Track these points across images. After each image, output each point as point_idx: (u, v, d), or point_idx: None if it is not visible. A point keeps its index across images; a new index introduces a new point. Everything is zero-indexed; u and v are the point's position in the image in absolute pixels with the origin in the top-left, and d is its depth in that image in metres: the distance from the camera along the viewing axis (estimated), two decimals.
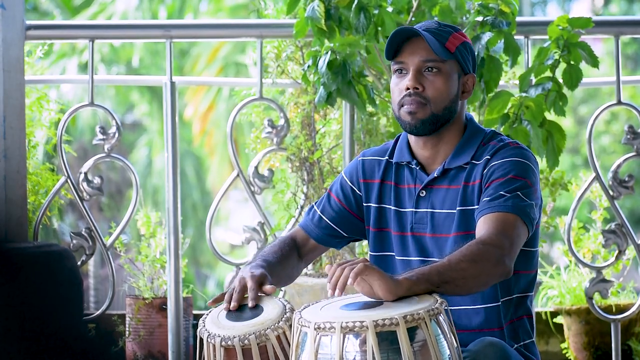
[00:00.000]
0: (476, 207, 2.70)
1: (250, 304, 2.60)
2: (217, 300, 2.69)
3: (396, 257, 2.80)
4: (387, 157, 2.87)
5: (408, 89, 2.73)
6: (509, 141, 2.76)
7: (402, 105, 2.74)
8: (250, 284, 2.63)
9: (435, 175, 2.76)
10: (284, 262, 2.83)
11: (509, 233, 2.59)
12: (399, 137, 2.88)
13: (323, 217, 2.92)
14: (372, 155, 2.90)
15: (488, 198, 2.65)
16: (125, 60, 14.34)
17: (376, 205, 2.85)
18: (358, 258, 2.47)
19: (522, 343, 2.74)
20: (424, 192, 2.78)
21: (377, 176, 2.86)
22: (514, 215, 2.62)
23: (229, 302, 2.61)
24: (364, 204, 2.88)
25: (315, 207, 2.95)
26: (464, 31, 3.88)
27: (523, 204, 2.63)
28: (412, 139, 2.82)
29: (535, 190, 2.69)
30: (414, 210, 2.78)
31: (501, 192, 2.65)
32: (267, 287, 2.64)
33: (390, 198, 2.83)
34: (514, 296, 2.75)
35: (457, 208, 2.72)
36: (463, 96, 2.79)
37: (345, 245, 3.01)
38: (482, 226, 2.62)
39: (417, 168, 2.80)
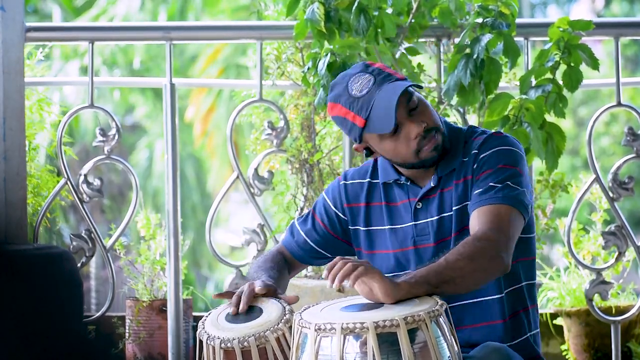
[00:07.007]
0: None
1: (243, 306, 2.59)
2: (223, 296, 2.69)
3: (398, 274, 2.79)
4: (368, 179, 2.84)
5: (418, 135, 2.68)
6: (492, 132, 2.76)
7: (420, 149, 2.69)
8: (258, 289, 2.63)
9: (432, 184, 2.75)
10: (281, 277, 2.84)
11: (503, 226, 2.59)
12: (377, 159, 2.84)
13: (308, 240, 2.91)
14: (352, 179, 2.87)
15: (479, 190, 2.65)
16: (127, 62, 14.35)
17: (365, 228, 2.83)
18: (361, 260, 2.47)
19: (528, 334, 2.74)
20: (420, 204, 2.77)
21: (361, 199, 2.84)
22: (507, 206, 2.61)
23: (236, 306, 2.60)
24: (351, 227, 2.86)
25: (298, 228, 2.92)
26: (463, 32, 3.89)
27: (514, 193, 2.63)
28: None
29: (524, 176, 2.69)
30: (413, 223, 2.77)
31: (491, 184, 2.64)
32: (292, 296, 2.63)
33: (382, 218, 2.81)
34: (523, 284, 2.75)
35: (453, 208, 2.72)
36: None
37: None
38: (476, 221, 2.62)
39: (408, 183, 2.78)
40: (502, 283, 2.72)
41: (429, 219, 2.75)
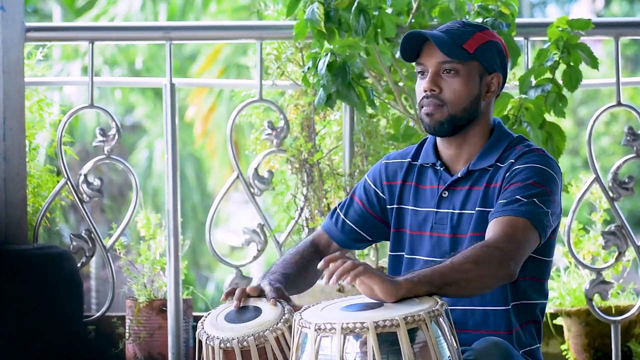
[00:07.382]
0: None
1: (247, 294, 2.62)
2: (230, 294, 2.70)
3: (405, 256, 2.80)
4: (409, 159, 2.87)
5: (424, 90, 2.74)
6: (536, 147, 2.75)
7: (422, 107, 2.75)
8: (267, 289, 2.65)
9: (459, 175, 2.76)
10: (304, 271, 2.83)
11: (516, 237, 2.58)
12: (425, 139, 2.89)
13: (347, 221, 2.91)
14: (394, 159, 2.91)
15: (504, 201, 2.65)
16: (129, 62, 14.36)
17: (396, 206, 2.85)
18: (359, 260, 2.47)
19: (527, 348, 2.74)
20: (446, 192, 2.78)
21: (399, 178, 2.87)
22: (525, 220, 2.61)
23: (238, 300, 2.63)
24: (388, 207, 2.88)
25: (338, 211, 2.94)
26: None
27: (537, 211, 2.62)
28: (437, 137, 2.82)
29: (554, 199, 2.67)
30: (435, 210, 2.78)
31: (517, 197, 2.64)
32: (287, 297, 2.65)
33: (409, 198, 2.83)
34: (522, 302, 2.74)
35: (476, 209, 2.72)
36: (487, 96, 2.78)
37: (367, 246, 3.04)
38: (491, 228, 2.62)
39: (442, 169, 2.80)
40: (509, 296, 2.71)
41: (450, 210, 2.76)
